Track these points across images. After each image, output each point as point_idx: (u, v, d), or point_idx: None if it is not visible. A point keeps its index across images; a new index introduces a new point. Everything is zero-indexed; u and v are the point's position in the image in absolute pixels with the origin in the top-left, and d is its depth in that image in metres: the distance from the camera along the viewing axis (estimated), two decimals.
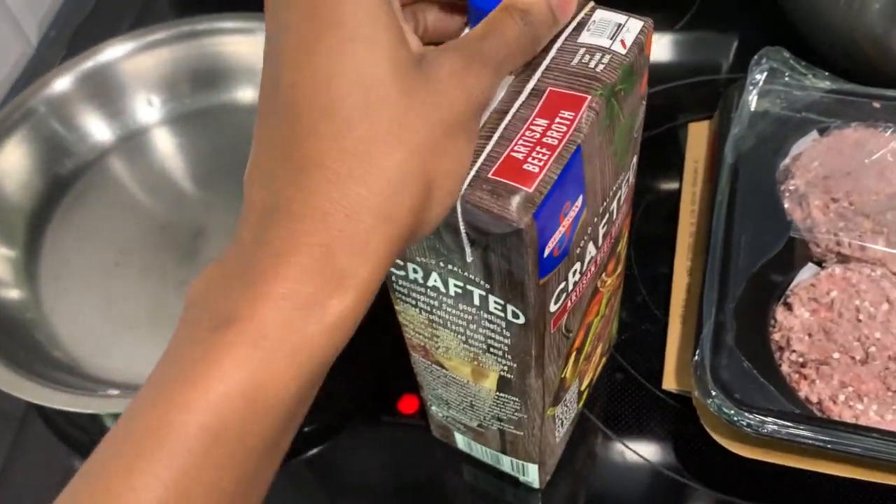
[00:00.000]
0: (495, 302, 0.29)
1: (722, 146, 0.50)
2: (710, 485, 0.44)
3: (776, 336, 0.45)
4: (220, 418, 0.22)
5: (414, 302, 0.32)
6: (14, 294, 0.51)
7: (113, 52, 0.58)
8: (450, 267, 0.29)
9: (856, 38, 0.53)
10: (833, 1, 0.54)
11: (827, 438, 0.39)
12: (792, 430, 0.40)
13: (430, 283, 0.30)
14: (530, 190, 0.25)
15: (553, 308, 0.29)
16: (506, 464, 0.42)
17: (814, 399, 0.42)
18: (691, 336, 0.46)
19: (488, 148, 0.26)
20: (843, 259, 0.47)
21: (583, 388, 0.42)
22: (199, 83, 0.60)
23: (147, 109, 0.60)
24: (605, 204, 0.31)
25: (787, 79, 0.52)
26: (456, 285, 0.29)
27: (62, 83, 0.57)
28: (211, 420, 0.22)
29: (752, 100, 0.52)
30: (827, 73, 0.53)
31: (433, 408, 0.41)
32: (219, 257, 0.25)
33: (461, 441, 0.43)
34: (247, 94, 0.61)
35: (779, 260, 0.46)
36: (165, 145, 0.60)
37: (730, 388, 0.41)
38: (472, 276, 0.29)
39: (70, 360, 0.49)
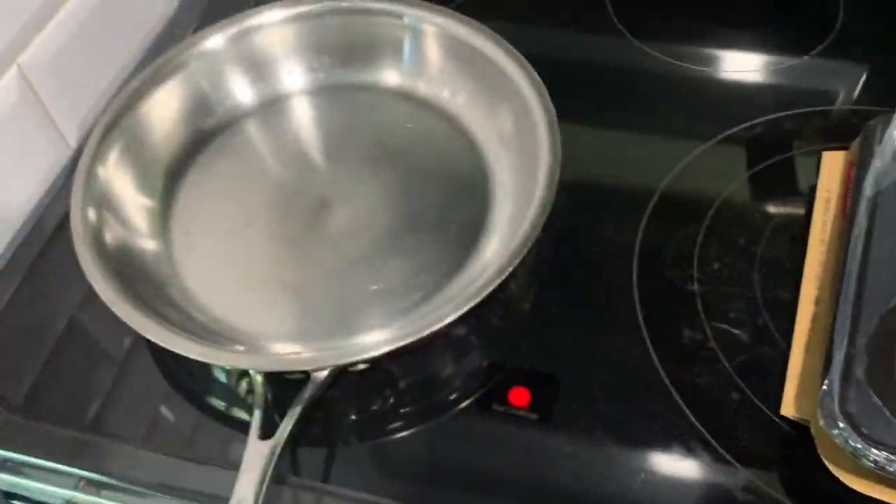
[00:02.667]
0: None
1: (861, 178, 0.50)
2: None
3: None
4: None
5: None
6: (150, 245, 0.53)
7: (264, 17, 0.59)
8: None
9: None
10: None
11: None
12: None
13: None
14: None
15: None
16: None
17: None
18: (816, 365, 0.45)
19: None
20: None
21: None
22: (342, 59, 0.61)
23: (290, 78, 0.61)
24: None
25: None
26: None
27: (214, 41, 0.58)
28: None
29: None
30: None
31: None
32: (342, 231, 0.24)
33: None
34: (390, 76, 0.61)
35: None
36: (302, 115, 0.61)
37: (857, 422, 0.41)
38: None
39: (199, 313, 0.50)
